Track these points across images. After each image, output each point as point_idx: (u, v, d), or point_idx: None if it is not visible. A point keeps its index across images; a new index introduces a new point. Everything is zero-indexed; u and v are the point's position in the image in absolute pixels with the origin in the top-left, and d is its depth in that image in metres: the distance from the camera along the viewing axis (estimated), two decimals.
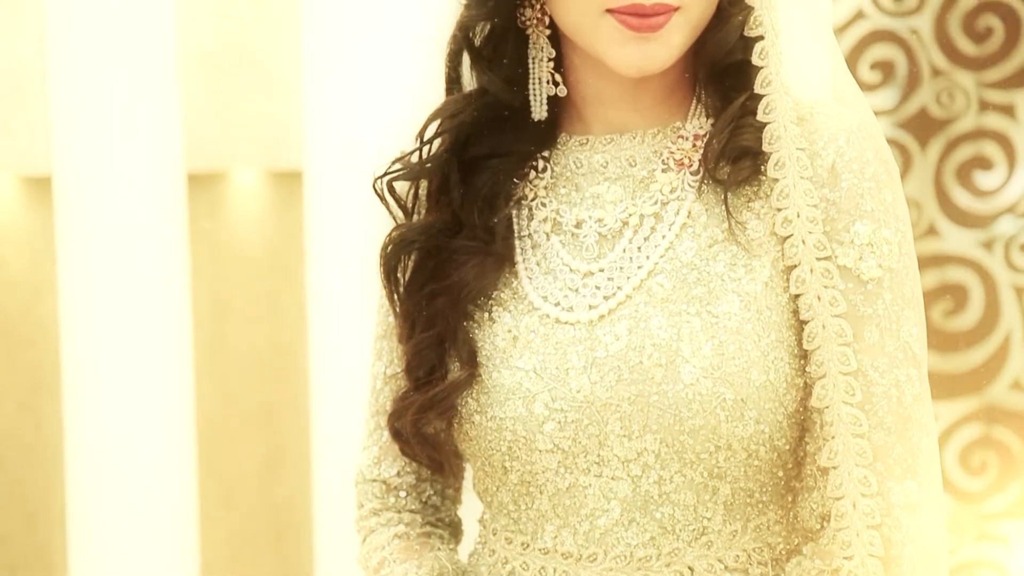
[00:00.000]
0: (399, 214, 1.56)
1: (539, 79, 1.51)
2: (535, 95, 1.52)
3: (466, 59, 1.55)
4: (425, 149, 1.55)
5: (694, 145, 1.50)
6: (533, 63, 1.51)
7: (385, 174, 1.55)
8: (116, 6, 2.62)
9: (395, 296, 1.55)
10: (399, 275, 1.54)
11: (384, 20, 2.55)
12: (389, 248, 1.54)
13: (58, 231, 2.67)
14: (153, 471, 2.69)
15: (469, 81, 1.56)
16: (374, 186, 1.55)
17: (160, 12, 2.65)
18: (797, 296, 1.44)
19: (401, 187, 1.57)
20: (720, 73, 1.49)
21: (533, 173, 1.54)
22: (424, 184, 1.56)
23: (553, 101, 1.52)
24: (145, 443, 2.69)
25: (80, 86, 2.62)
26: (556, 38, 1.51)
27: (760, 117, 1.46)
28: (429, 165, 1.54)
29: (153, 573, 2.70)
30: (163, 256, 2.68)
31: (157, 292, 2.67)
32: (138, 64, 2.63)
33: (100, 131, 2.63)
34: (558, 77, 1.51)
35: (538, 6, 1.49)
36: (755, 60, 1.46)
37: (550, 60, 1.51)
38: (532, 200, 1.53)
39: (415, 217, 1.56)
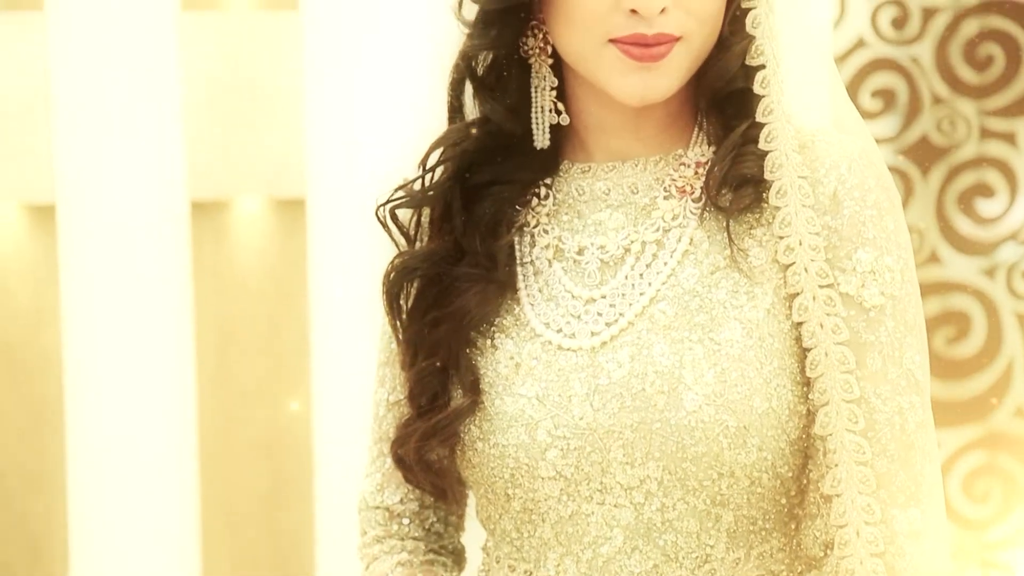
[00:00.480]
0: (402, 241, 1.57)
1: (541, 108, 1.52)
2: (537, 123, 1.52)
3: (468, 88, 1.55)
4: (428, 177, 1.55)
5: (696, 172, 1.51)
6: (535, 92, 1.52)
7: (388, 202, 1.56)
8: (119, 35, 2.63)
9: (398, 323, 1.55)
10: (402, 302, 1.55)
11: (385, 48, 2.56)
12: (392, 275, 1.55)
13: (61, 259, 2.68)
14: (156, 499, 2.69)
15: (471, 109, 1.56)
16: (377, 213, 1.56)
17: (163, 41, 2.66)
18: (799, 324, 1.44)
19: (403, 214, 1.57)
20: (722, 101, 1.50)
21: (535, 200, 1.54)
22: (426, 211, 1.56)
23: (555, 129, 1.53)
24: (148, 472, 2.68)
25: (83, 114, 2.63)
26: (558, 67, 1.52)
27: (762, 145, 1.46)
28: (432, 193, 1.54)
29: None
30: (166, 284, 2.68)
31: (160, 320, 2.68)
32: (141, 92, 2.64)
33: (103, 159, 2.64)
34: (560, 106, 1.52)
35: (541, 36, 1.50)
36: (757, 89, 1.47)
37: (552, 89, 1.52)
38: (534, 227, 1.54)
39: (417, 244, 1.56)
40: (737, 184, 1.47)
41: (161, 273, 2.67)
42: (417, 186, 1.55)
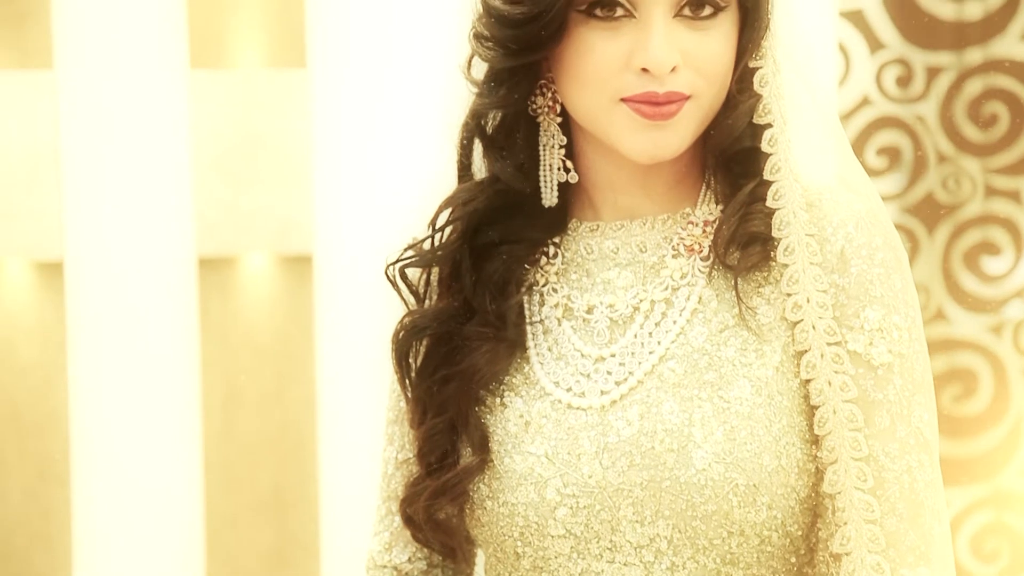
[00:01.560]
0: (411, 300, 1.57)
1: (550, 166, 1.53)
2: (546, 182, 1.53)
3: (478, 146, 1.56)
4: (437, 236, 1.56)
5: (704, 231, 1.51)
6: (544, 150, 1.53)
7: (397, 261, 1.56)
8: (128, 93, 2.65)
9: (407, 381, 1.55)
10: (411, 361, 1.55)
11: (394, 106, 2.57)
12: (401, 334, 1.55)
13: (68, 316, 2.68)
14: (163, 555, 2.68)
15: (480, 168, 1.57)
16: (387, 272, 1.56)
17: (172, 99, 2.68)
18: (808, 381, 1.44)
19: (413, 273, 1.58)
20: (729, 159, 1.51)
21: (544, 259, 1.55)
22: (436, 270, 1.57)
23: (564, 187, 1.53)
24: (155, 529, 2.68)
25: (93, 171, 2.64)
26: (567, 125, 1.52)
27: (769, 203, 1.47)
28: (441, 252, 1.55)
29: None
30: (173, 340, 2.69)
31: (167, 376, 2.68)
32: (150, 150, 2.66)
33: (112, 215, 2.65)
34: (569, 164, 1.53)
35: (550, 94, 1.51)
36: (764, 147, 1.48)
37: (561, 147, 1.52)
38: (543, 286, 1.54)
39: (427, 303, 1.56)
40: (745, 242, 1.47)
41: (168, 329, 2.67)
42: (427, 245, 1.56)
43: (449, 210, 1.55)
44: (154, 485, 2.67)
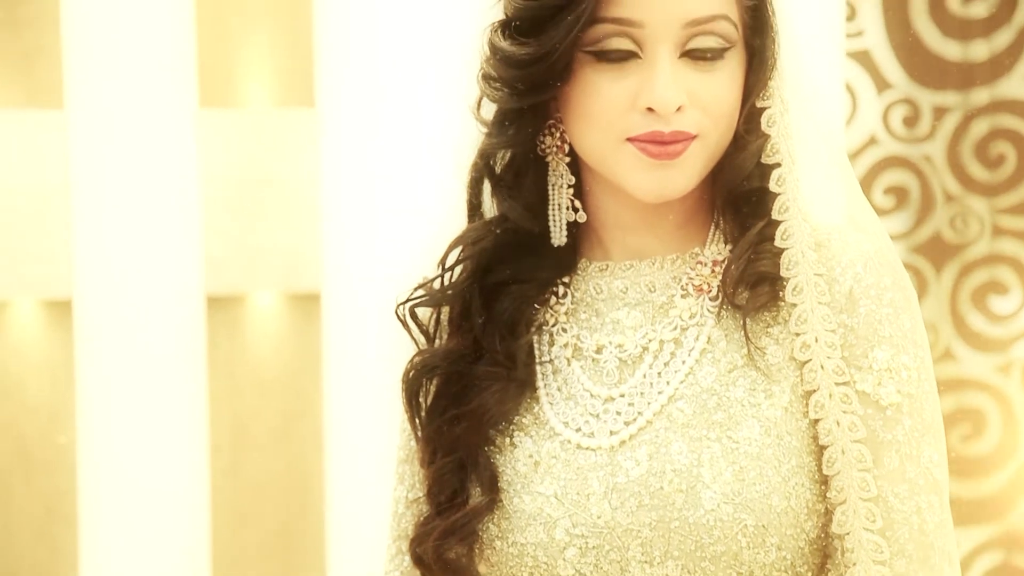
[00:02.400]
0: (421, 339, 1.57)
1: (559, 205, 1.53)
2: (555, 221, 1.53)
3: (487, 185, 1.57)
4: (447, 275, 1.56)
5: (713, 271, 1.51)
6: (553, 189, 1.53)
7: (407, 300, 1.56)
8: (138, 132, 2.66)
9: (417, 421, 1.55)
10: (421, 400, 1.55)
11: (402, 145, 2.58)
12: (411, 373, 1.55)
13: (77, 354, 2.69)
14: None
15: (490, 207, 1.57)
16: (397, 312, 1.56)
17: (181, 138, 2.69)
18: (817, 421, 1.44)
19: (423, 312, 1.58)
20: (737, 199, 1.51)
21: (554, 299, 1.55)
22: (446, 309, 1.57)
23: (573, 227, 1.54)
24: (162, 569, 2.67)
25: (102, 210, 2.65)
26: (575, 164, 1.53)
27: (778, 243, 1.47)
28: (451, 292, 1.55)
29: None
30: (181, 378, 2.69)
31: (175, 414, 2.68)
32: (159, 188, 2.67)
33: (121, 254, 2.66)
34: (578, 203, 1.53)
35: (558, 134, 1.51)
36: (772, 187, 1.48)
37: (570, 187, 1.53)
38: (553, 326, 1.54)
39: (437, 342, 1.56)
40: (754, 282, 1.47)
41: (176, 367, 2.68)
42: (437, 284, 1.56)
43: (459, 249, 1.56)
44: (161, 522, 2.67)
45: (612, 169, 1.47)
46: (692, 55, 1.45)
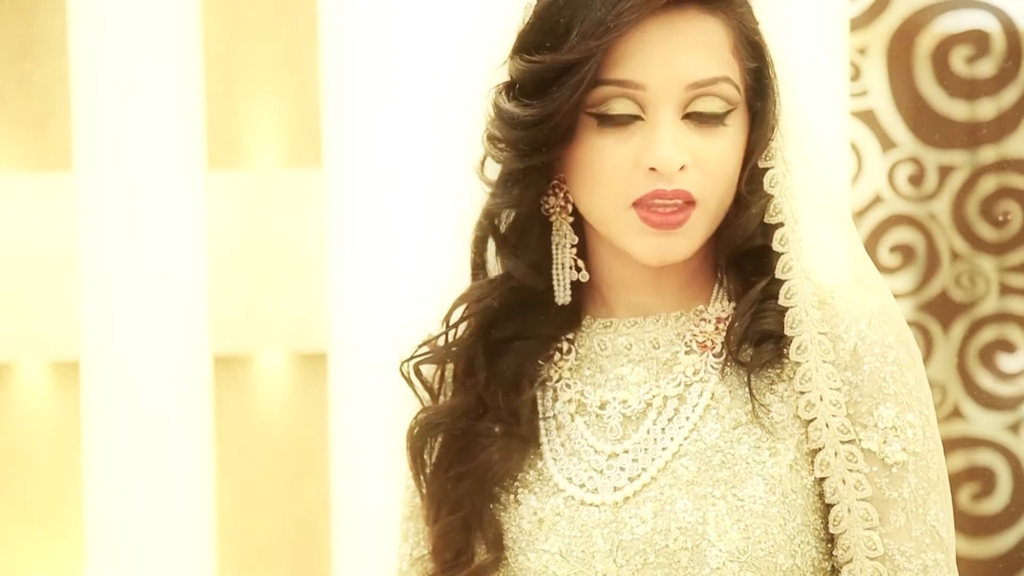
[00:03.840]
0: (425, 396, 1.57)
1: (562, 264, 1.54)
2: (558, 280, 1.54)
3: (491, 244, 1.57)
4: (451, 332, 1.56)
5: (716, 328, 1.52)
6: (556, 249, 1.54)
7: (412, 357, 1.57)
8: (146, 195, 2.67)
9: (421, 478, 1.55)
10: (425, 457, 1.55)
11: (408, 206, 2.59)
12: (416, 431, 1.55)
13: (84, 415, 2.69)
14: None
15: (494, 266, 1.58)
16: (401, 369, 1.57)
17: (190, 200, 2.70)
18: (822, 479, 1.44)
19: (427, 369, 1.58)
20: (741, 258, 1.52)
21: (558, 355, 1.55)
22: (450, 366, 1.57)
23: (576, 285, 1.54)
24: None
25: (110, 271, 2.66)
26: (579, 224, 1.53)
27: (782, 302, 1.47)
28: (455, 349, 1.55)
29: None
30: (188, 438, 2.69)
31: (182, 475, 2.68)
32: (167, 249, 2.68)
33: (129, 315, 2.66)
34: (581, 263, 1.53)
35: (562, 194, 1.52)
36: (776, 246, 1.49)
37: (573, 246, 1.53)
38: (557, 381, 1.55)
39: (441, 399, 1.57)
40: (757, 340, 1.48)
41: (183, 427, 2.68)
42: (441, 342, 1.57)
43: (463, 307, 1.56)
44: None
45: (615, 233, 1.48)
46: (694, 117, 1.46)
